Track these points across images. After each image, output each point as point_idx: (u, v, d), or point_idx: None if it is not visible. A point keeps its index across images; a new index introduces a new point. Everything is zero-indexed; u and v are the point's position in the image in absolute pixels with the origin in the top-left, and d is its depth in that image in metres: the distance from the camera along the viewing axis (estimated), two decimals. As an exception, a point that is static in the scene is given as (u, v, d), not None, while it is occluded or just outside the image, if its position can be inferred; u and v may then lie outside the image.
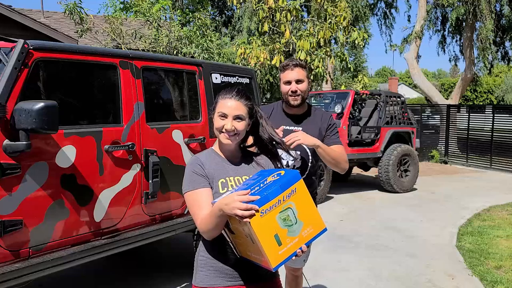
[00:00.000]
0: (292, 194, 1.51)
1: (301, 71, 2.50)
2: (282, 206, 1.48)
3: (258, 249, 1.46)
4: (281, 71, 2.56)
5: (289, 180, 1.52)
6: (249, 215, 1.41)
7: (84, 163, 2.84)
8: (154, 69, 3.53)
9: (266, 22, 9.84)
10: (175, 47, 10.24)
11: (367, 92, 8.67)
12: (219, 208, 1.49)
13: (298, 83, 2.49)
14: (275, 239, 1.45)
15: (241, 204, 1.41)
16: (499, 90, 31.00)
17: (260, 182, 1.55)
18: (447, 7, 14.71)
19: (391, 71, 52.48)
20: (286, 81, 2.51)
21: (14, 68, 2.49)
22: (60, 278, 3.91)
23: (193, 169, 1.70)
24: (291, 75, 2.49)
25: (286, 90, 2.51)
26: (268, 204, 1.44)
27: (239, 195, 1.45)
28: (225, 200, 1.47)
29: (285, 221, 1.48)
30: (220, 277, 1.68)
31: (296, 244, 1.50)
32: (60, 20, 11.85)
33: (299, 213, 1.52)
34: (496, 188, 8.90)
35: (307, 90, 2.55)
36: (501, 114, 12.19)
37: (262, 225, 1.43)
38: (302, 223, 1.52)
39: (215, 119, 1.74)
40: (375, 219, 6.36)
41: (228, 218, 1.53)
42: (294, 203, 1.51)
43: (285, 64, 2.53)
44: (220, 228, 1.58)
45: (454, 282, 4.06)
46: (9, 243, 2.47)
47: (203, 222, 1.59)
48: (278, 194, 1.47)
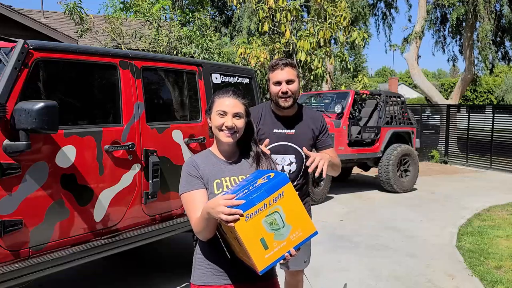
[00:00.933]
0: (279, 198, 1.50)
1: (291, 70, 2.37)
2: (269, 210, 1.47)
3: (246, 252, 1.47)
4: (270, 70, 2.42)
5: (276, 184, 1.51)
6: (233, 220, 1.41)
7: (84, 163, 2.84)
8: (154, 69, 3.52)
9: (266, 22, 9.84)
10: (175, 47, 10.23)
11: (367, 92, 8.67)
12: (206, 211, 1.51)
13: (289, 84, 2.35)
14: (261, 243, 1.44)
15: (225, 209, 1.42)
16: (499, 90, 30.99)
17: (250, 184, 1.54)
18: (448, 7, 14.71)
19: (391, 71, 52.46)
20: (276, 81, 2.37)
21: (14, 68, 2.49)
22: (60, 278, 3.91)
23: (188, 171, 1.72)
24: (281, 75, 2.36)
25: (276, 91, 2.37)
26: (253, 208, 1.44)
27: (224, 199, 1.45)
28: (211, 204, 1.48)
29: (271, 225, 1.47)
30: (217, 276, 1.69)
31: (283, 247, 1.49)
32: (60, 20, 11.85)
33: (286, 216, 1.50)
34: (496, 188, 8.89)
35: (298, 91, 2.44)
36: (501, 114, 12.19)
37: (247, 229, 1.42)
38: (290, 226, 1.51)
39: (213, 118, 1.74)
40: (375, 219, 6.36)
41: (219, 221, 1.53)
42: (282, 207, 1.50)
43: (274, 64, 2.39)
44: (211, 229, 1.60)
45: (454, 282, 4.06)
46: (9, 243, 2.47)
47: (196, 224, 1.62)
48: (263, 198, 1.46)
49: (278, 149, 2.43)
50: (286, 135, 2.45)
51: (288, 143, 2.45)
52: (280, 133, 2.44)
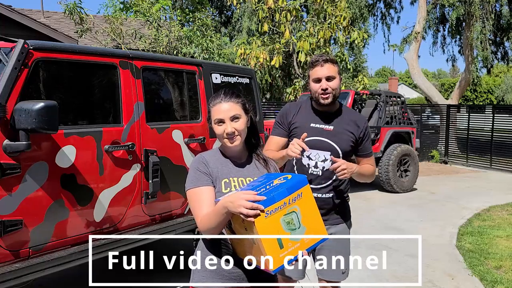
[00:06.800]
0: (298, 198, 1.50)
1: (332, 66, 2.25)
2: (287, 209, 1.47)
3: (259, 250, 1.45)
4: (310, 67, 2.31)
5: (296, 184, 1.52)
6: (254, 214, 1.40)
7: (84, 163, 2.84)
8: (154, 69, 3.52)
9: (266, 22, 9.85)
10: (175, 47, 10.24)
11: (367, 92, 8.67)
12: (224, 206, 1.48)
13: (329, 80, 2.24)
14: (277, 241, 1.44)
15: (246, 203, 1.41)
16: (499, 90, 31.02)
17: (266, 184, 1.54)
18: (447, 7, 14.71)
19: (391, 71, 52.49)
20: (316, 78, 2.26)
21: (14, 68, 2.49)
22: (60, 278, 3.91)
23: (197, 167, 1.70)
24: (321, 72, 2.24)
25: (316, 89, 2.26)
26: (274, 205, 1.43)
27: (245, 194, 1.44)
28: (231, 198, 1.46)
29: (288, 225, 1.47)
30: (217, 277, 1.67)
31: (297, 248, 1.49)
32: (60, 20, 11.85)
33: (303, 218, 1.51)
34: (496, 188, 8.89)
35: (339, 87, 2.31)
36: (501, 114, 12.20)
37: (266, 226, 1.42)
38: (305, 228, 1.51)
39: (214, 128, 1.73)
40: (375, 219, 6.36)
41: (231, 218, 1.52)
42: (299, 208, 1.50)
43: (314, 60, 2.28)
44: (221, 227, 1.57)
45: (454, 282, 4.06)
46: (9, 243, 2.47)
47: (204, 220, 1.59)
48: (284, 197, 1.47)
49: (313, 144, 2.28)
50: (324, 130, 2.31)
51: (324, 139, 2.31)
52: (317, 128, 2.31)
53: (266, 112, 11.05)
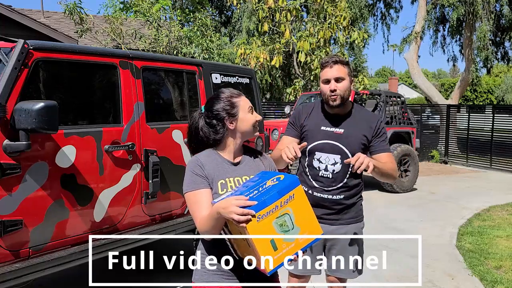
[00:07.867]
0: (290, 200, 1.51)
1: (341, 68, 2.26)
2: (279, 212, 1.48)
3: (254, 253, 1.47)
4: (321, 68, 2.33)
5: (288, 186, 1.52)
6: (245, 220, 1.41)
7: (84, 163, 2.84)
8: (154, 69, 3.53)
9: (266, 22, 9.85)
10: (175, 47, 10.24)
11: (367, 92, 8.67)
12: (217, 211, 1.50)
13: (338, 82, 2.25)
14: (271, 244, 1.45)
15: (237, 209, 1.42)
16: (499, 90, 31.01)
17: (259, 185, 1.55)
18: (447, 7, 14.71)
19: (391, 71, 52.47)
20: (325, 79, 2.28)
21: (14, 68, 2.49)
22: (60, 278, 3.91)
23: (193, 170, 1.70)
24: (330, 73, 2.26)
25: (325, 90, 2.27)
26: (265, 209, 1.44)
27: (236, 199, 1.45)
28: (223, 204, 1.48)
29: (281, 227, 1.48)
30: (218, 275, 1.68)
31: (292, 249, 1.50)
32: (60, 20, 11.86)
33: (296, 218, 1.51)
34: (496, 188, 8.89)
35: (349, 89, 2.30)
36: (501, 114, 12.20)
37: (258, 230, 1.43)
38: (299, 228, 1.52)
39: (245, 117, 1.76)
40: (375, 219, 6.36)
41: (227, 221, 1.53)
42: (292, 209, 1.51)
43: (324, 61, 2.30)
44: (218, 229, 1.59)
45: (454, 282, 4.06)
46: (9, 243, 2.47)
47: (202, 222, 1.60)
48: (275, 200, 1.47)
49: (323, 147, 2.31)
50: (334, 134, 2.31)
51: (335, 142, 2.31)
52: (328, 131, 2.32)
53: (266, 112, 11.06)
